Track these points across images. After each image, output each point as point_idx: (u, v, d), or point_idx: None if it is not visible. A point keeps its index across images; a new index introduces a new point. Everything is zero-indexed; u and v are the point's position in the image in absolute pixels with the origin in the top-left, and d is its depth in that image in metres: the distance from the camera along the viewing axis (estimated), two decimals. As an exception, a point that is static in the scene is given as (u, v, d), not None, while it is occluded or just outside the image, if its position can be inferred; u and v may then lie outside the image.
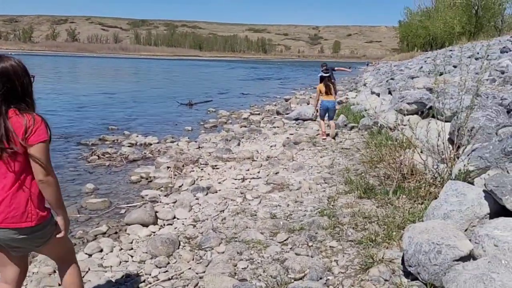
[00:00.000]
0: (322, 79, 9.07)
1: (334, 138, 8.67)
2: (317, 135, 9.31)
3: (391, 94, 10.76)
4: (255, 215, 4.64)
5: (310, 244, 3.73)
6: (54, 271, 3.45)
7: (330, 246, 3.67)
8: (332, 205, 4.66)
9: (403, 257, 3.03)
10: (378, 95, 12.20)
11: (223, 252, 3.69)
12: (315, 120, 11.59)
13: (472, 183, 3.66)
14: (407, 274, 2.95)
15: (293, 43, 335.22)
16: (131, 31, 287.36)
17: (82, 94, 19.62)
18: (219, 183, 6.15)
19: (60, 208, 2.22)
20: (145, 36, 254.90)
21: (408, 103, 7.36)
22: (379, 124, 8.04)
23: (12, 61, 2.10)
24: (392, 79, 14.74)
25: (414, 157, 4.90)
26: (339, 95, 11.61)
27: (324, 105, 8.81)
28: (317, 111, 9.89)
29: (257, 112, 14.51)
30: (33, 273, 3.45)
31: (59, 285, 3.24)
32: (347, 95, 17.54)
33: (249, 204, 5.05)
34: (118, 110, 14.32)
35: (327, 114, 8.83)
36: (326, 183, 5.69)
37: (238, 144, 8.82)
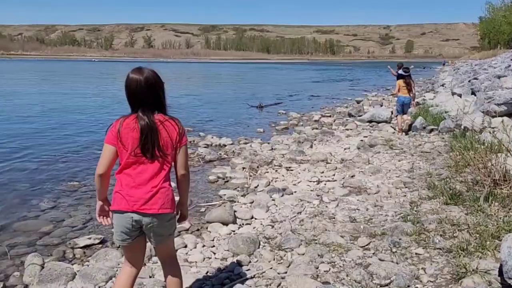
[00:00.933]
0: (402, 77, 9.73)
1: (407, 133, 9.44)
2: (393, 132, 9.79)
3: (475, 95, 10.10)
4: (334, 218, 4.58)
5: (394, 250, 3.61)
6: (144, 264, 3.65)
7: (416, 253, 3.52)
8: (416, 211, 4.47)
9: (500, 269, 2.82)
10: (460, 96, 11.50)
11: (303, 254, 3.67)
12: (389, 123, 11.23)
13: None
14: (506, 287, 2.74)
15: (362, 44, 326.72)
16: (202, 36, 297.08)
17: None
18: (294, 184, 6.14)
19: (187, 198, 2.63)
20: (215, 41, 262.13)
21: (497, 104, 6.87)
22: (462, 127, 7.57)
23: (149, 70, 2.34)
24: (475, 78, 13.82)
25: (507, 161, 4.55)
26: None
27: (400, 100, 9.65)
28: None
29: (328, 114, 14.32)
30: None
31: (150, 277, 3.43)
32: (424, 96, 16.75)
33: (326, 206, 5.00)
34: (192, 112, 14.87)
35: (403, 109, 9.67)
36: (406, 187, 5.47)
37: (311, 146, 8.77)
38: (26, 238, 4.54)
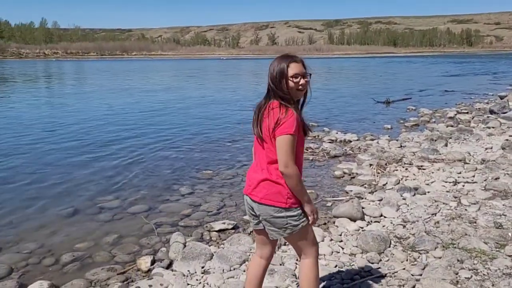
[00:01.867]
0: None
1: None
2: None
3: None
4: (475, 222, 4.20)
5: (552, 263, 3.17)
6: (274, 252, 3.79)
7: None
8: None
9: None
10: None
11: (440, 257, 3.45)
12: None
13: None
14: None
15: (507, 33, 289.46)
16: (325, 31, 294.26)
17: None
18: (427, 184, 5.77)
19: (302, 198, 2.30)
20: (338, 36, 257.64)
21: None
22: None
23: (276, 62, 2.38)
24: None
25: None
26: None
27: None
28: None
29: (465, 111, 13.09)
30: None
31: (280, 264, 3.55)
32: None
33: (466, 210, 4.60)
34: (317, 107, 14.84)
35: None
36: None
37: (446, 145, 8.13)
38: (170, 218, 5.06)
